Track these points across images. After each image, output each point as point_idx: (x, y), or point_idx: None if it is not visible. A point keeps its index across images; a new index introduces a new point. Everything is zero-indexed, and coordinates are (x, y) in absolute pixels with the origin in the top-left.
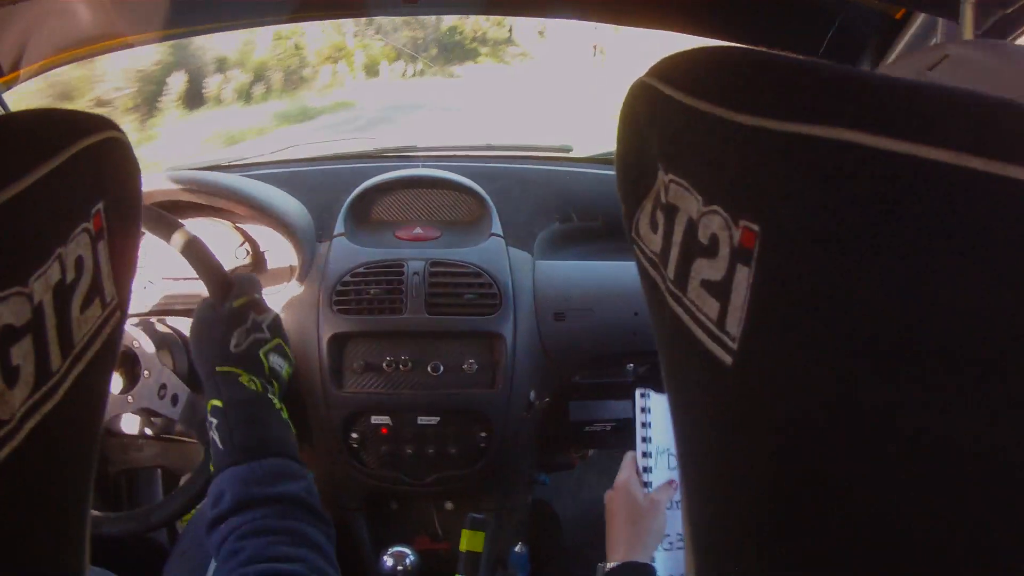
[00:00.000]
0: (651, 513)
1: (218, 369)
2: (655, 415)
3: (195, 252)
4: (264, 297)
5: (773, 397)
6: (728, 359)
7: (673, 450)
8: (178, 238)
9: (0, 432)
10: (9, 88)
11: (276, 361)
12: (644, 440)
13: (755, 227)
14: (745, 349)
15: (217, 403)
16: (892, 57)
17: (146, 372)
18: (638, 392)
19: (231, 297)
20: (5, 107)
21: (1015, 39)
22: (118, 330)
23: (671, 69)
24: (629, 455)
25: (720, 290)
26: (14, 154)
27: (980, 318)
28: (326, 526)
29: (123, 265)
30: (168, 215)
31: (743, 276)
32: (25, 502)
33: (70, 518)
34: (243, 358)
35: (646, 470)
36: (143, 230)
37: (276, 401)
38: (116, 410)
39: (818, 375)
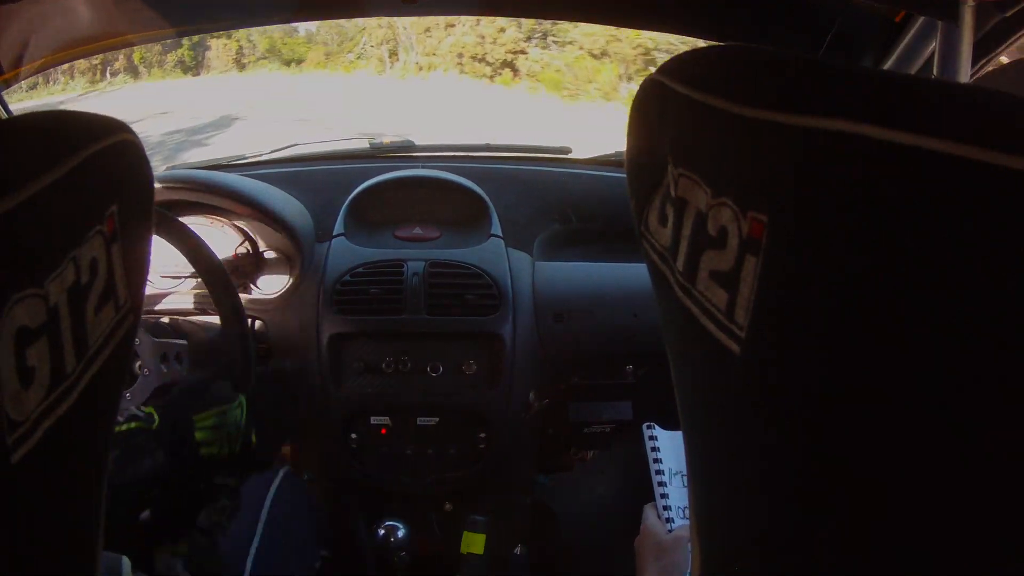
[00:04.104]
0: (675, 548)
1: None
2: (663, 443)
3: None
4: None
5: (780, 383)
6: (736, 348)
7: (685, 471)
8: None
9: (15, 433)
10: (9, 87)
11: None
12: (658, 472)
13: (763, 218)
14: (753, 337)
15: None
16: (892, 60)
17: (145, 370)
18: (645, 426)
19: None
20: (5, 105)
21: (1013, 42)
22: (131, 332)
23: (681, 67)
24: (648, 506)
25: (729, 280)
26: (29, 157)
27: (982, 304)
28: None
29: (136, 267)
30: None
31: (751, 266)
32: (40, 502)
33: (83, 518)
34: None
35: (663, 496)
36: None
37: None
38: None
39: (823, 362)
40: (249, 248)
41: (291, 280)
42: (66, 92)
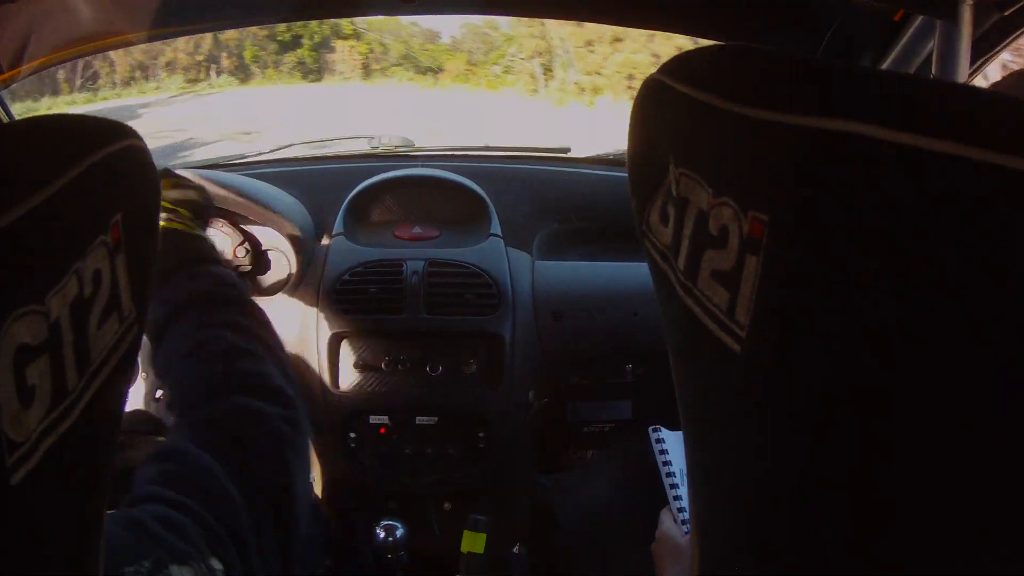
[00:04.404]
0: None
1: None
2: (670, 445)
3: None
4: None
5: (781, 383)
6: (737, 348)
7: None
8: None
9: (16, 454)
10: (8, 86)
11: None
12: (669, 475)
13: (764, 217)
14: (754, 337)
15: None
16: (890, 59)
17: (143, 373)
18: (651, 430)
19: None
20: (4, 106)
21: (1012, 41)
22: (136, 343)
23: (682, 66)
24: (664, 511)
25: (730, 280)
26: (30, 166)
27: (982, 305)
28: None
29: (141, 277)
30: None
31: (752, 266)
32: (41, 521)
33: (86, 535)
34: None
35: (677, 499)
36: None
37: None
38: None
39: (824, 361)
40: (249, 247)
41: (291, 279)
42: (160, 91)
